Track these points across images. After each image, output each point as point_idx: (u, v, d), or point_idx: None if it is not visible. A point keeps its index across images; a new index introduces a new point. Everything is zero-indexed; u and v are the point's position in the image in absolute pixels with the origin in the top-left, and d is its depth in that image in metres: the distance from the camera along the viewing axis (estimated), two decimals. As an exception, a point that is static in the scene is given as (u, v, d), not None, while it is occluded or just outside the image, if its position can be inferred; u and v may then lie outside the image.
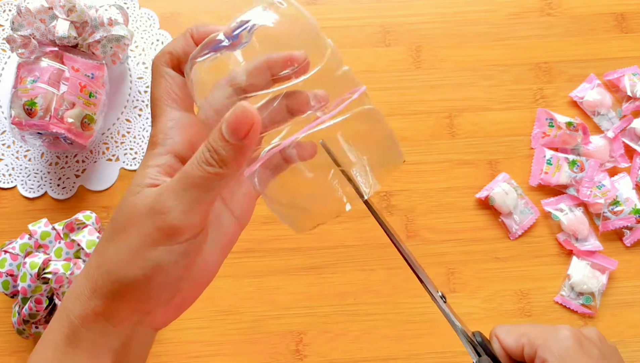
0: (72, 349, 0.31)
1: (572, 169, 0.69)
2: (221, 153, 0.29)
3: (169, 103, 0.32)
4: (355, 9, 0.75)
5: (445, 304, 0.37)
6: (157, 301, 0.31)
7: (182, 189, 0.29)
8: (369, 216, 0.39)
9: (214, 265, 0.35)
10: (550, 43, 0.75)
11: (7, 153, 0.70)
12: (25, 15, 0.63)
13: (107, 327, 0.31)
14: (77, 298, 0.31)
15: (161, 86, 0.33)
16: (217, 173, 0.29)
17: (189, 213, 0.29)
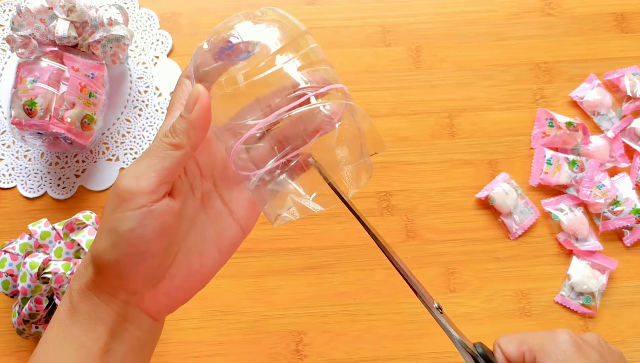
0: (72, 322, 0.34)
1: (572, 169, 0.69)
2: (175, 126, 0.33)
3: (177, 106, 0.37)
4: (355, 9, 0.75)
5: (442, 315, 0.37)
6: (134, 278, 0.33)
7: (138, 160, 0.33)
8: (369, 216, 0.39)
9: (209, 262, 0.37)
10: (550, 43, 0.75)
11: (7, 153, 0.70)
12: (25, 15, 0.63)
13: (98, 302, 0.34)
14: (77, 275, 0.35)
15: (177, 91, 0.37)
16: (170, 143, 0.33)
17: (139, 178, 0.32)
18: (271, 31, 0.35)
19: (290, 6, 0.75)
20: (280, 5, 0.75)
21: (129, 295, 0.34)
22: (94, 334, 0.33)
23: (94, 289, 0.34)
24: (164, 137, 0.33)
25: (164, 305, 0.36)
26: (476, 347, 0.37)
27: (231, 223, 0.38)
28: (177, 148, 0.33)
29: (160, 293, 0.35)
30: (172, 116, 0.36)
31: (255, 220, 0.40)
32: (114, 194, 0.32)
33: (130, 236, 0.32)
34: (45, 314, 0.59)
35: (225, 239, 0.38)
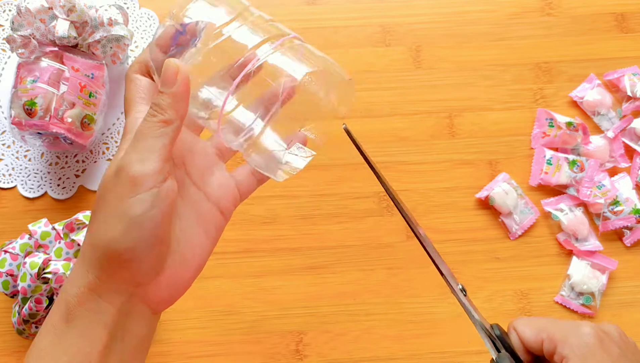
0: (68, 327, 0.33)
1: (572, 169, 0.69)
2: (160, 103, 0.34)
3: (138, 100, 0.37)
4: (355, 9, 0.75)
5: (465, 297, 0.37)
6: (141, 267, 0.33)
7: (135, 143, 0.33)
8: (369, 216, 0.39)
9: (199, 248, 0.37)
10: (550, 43, 0.75)
11: (7, 153, 0.70)
12: (25, 15, 0.63)
13: (99, 302, 0.33)
14: (73, 279, 0.34)
15: (131, 88, 0.38)
16: (160, 120, 0.33)
17: (145, 161, 0.33)
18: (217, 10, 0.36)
19: (290, 6, 0.75)
20: (280, 5, 0.75)
21: (135, 287, 0.34)
22: (93, 338, 0.33)
23: (96, 289, 0.33)
24: (150, 117, 0.33)
25: (165, 296, 0.36)
26: (493, 328, 0.37)
27: (210, 207, 0.38)
28: (168, 123, 0.33)
29: (161, 283, 0.35)
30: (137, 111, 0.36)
31: (233, 203, 0.40)
32: (121, 181, 0.32)
33: (143, 219, 0.32)
34: (45, 314, 0.59)
35: (208, 224, 0.38)
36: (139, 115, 0.36)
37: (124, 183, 0.32)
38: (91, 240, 0.33)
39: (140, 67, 0.38)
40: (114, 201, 0.33)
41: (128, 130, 0.36)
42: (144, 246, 0.33)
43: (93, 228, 0.34)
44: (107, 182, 0.33)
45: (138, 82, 0.37)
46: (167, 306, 0.37)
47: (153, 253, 0.33)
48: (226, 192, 0.40)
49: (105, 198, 0.33)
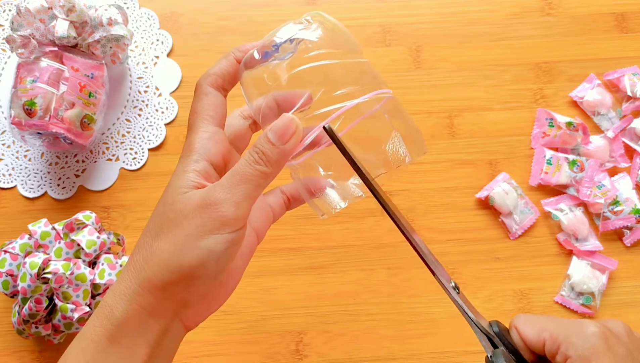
0: (112, 344, 0.33)
1: (572, 169, 0.69)
2: (268, 154, 0.33)
3: (207, 118, 0.36)
4: (355, 9, 0.75)
5: (458, 295, 0.36)
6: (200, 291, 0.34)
7: (233, 185, 0.33)
8: (369, 216, 0.39)
9: (236, 271, 0.38)
10: (550, 43, 0.75)
11: (7, 153, 0.70)
12: (24, 15, 0.63)
13: (148, 321, 0.33)
14: (123, 294, 0.33)
15: (203, 102, 0.37)
16: (264, 172, 0.33)
17: (239, 205, 0.33)
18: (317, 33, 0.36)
19: (290, 6, 0.75)
20: (280, 5, 0.75)
21: (184, 307, 0.34)
22: (135, 357, 0.33)
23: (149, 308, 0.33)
24: (254, 163, 0.33)
25: (201, 315, 0.37)
26: (492, 325, 0.36)
27: (249, 231, 0.39)
28: (268, 177, 0.34)
29: (203, 304, 0.35)
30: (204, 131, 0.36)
31: (267, 226, 0.41)
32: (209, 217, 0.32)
33: (221, 255, 0.33)
34: (45, 314, 0.59)
35: (245, 246, 0.38)
36: (207, 135, 0.36)
37: (212, 220, 0.32)
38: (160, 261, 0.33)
39: (217, 79, 0.37)
40: (194, 231, 0.32)
41: (194, 149, 0.35)
42: (212, 275, 0.33)
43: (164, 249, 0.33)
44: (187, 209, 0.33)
45: (211, 98, 0.37)
46: (197, 324, 0.37)
47: (216, 280, 0.34)
48: (262, 214, 0.40)
49: (180, 224, 0.33)
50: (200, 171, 0.35)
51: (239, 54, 0.38)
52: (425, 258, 0.36)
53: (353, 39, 0.38)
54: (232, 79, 0.38)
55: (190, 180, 0.34)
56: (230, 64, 0.38)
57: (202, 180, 0.34)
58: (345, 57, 0.36)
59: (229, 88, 0.38)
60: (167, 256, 0.33)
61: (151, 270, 0.33)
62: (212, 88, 0.37)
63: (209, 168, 0.35)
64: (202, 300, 0.35)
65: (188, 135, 0.36)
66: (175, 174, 0.35)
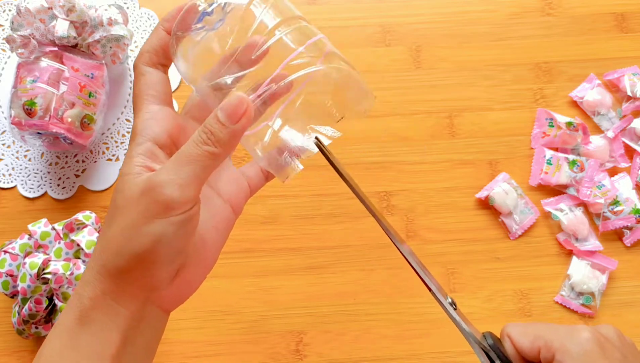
0: (82, 330, 0.33)
1: (572, 169, 0.69)
2: (217, 135, 0.32)
3: (148, 98, 0.35)
4: (355, 9, 0.75)
5: (455, 311, 0.36)
6: (161, 275, 0.33)
7: (178, 166, 0.32)
8: (369, 216, 0.39)
9: (212, 246, 0.37)
10: (550, 43, 0.75)
11: (7, 153, 0.70)
12: (24, 15, 0.63)
13: (114, 306, 0.33)
14: (87, 282, 0.33)
15: (140, 83, 0.36)
16: (213, 152, 0.32)
17: (184, 187, 0.32)
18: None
19: (290, 6, 0.75)
20: (280, 5, 0.75)
21: (150, 292, 0.34)
22: (107, 342, 0.33)
23: (112, 294, 0.33)
24: (203, 144, 0.32)
25: (177, 296, 0.36)
26: (485, 337, 0.36)
27: (221, 204, 0.38)
28: (217, 157, 0.32)
29: (175, 285, 0.35)
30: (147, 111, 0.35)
31: (244, 199, 0.40)
32: (153, 201, 0.31)
33: (170, 238, 0.32)
34: (45, 314, 0.59)
35: (220, 220, 0.38)
36: (148, 115, 0.35)
37: (156, 203, 0.32)
38: (110, 247, 0.33)
39: (151, 56, 0.36)
40: (140, 216, 0.32)
41: (138, 132, 0.35)
42: (166, 259, 0.33)
43: (112, 236, 0.33)
44: (132, 193, 0.32)
45: (149, 77, 0.36)
46: (177, 305, 0.37)
47: (173, 264, 0.34)
48: (237, 188, 0.39)
49: (128, 209, 0.32)
50: (144, 153, 0.34)
51: (167, 25, 0.36)
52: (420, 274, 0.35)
53: None
54: (167, 53, 0.37)
55: (136, 165, 0.33)
56: (160, 38, 0.36)
57: (148, 162, 0.34)
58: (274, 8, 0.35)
59: (167, 63, 0.37)
60: (117, 243, 0.32)
61: (106, 257, 0.33)
62: (148, 67, 0.36)
63: (154, 148, 0.34)
64: (171, 282, 0.34)
65: (134, 119, 0.36)
66: (123, 161, 0.34)
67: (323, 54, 0.34)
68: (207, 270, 0.37)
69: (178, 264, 0.34)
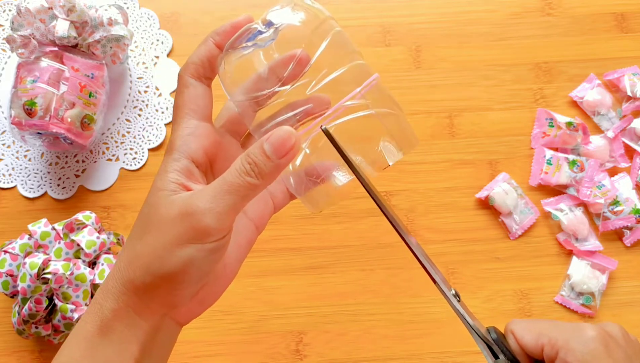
0: (102, 340, 0.33)
1: (572, 169, 0.69)
2: (261, 167, 0.32)
3: (189, 112, 0.35)
4: (355, 9, 0.75)
5: (459, 303, 0.36)
6: (184, 294, 0.33)
7: (218, 195, 0.31)
8: (369, 216, 0.39)
9: (234, 264, 0.38)
10: (550, 43, 0.75)
11: (7, 153, 0.70)
12: (25, 15, 0.63)
13: (136, 319, 0.33)
14: (110, 292, 0.33)
15: (184, 95, 0.35)
16: (254, 184, 0.32)
17: (223, 216, 0.31)
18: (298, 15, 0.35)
19: (290, 6, 0.75)
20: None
21: (170, 308, 0.34)
22: (126, 353, 0.33)
23: (135, 307, 0.33)
24: (246, 175, 0.32)
25: (194, 312, 0.37)
26: (489, 332, 0.36)
27: (246, 222, 0.38)
28: (258, 188, 0.32)
29: (195, 303, 0.35)
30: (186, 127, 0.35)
31: (267, 217, 0.40)
32: (191, 227, 0.31)
33: (202, 263, 0.32)
34: (45, 314, 0.59)
35: (243, 238, 0.38)
36: (188, 131, 0.35)
37: (193, 229, 0.31)
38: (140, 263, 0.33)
39: (197, 68, 0.36)
40: (174, 238, 0.32)
41: (176, 147, 0.34)
42: (194, 281, 0.33)
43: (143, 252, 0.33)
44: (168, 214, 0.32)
45: (192, 90, 0.35)
46: (193, 319, 0.37)
47: (198, 285, 0.34)
48: (261, 205, 0.39)
49: (162, 230, 0.32)
50: (181, 170, 0.34)
51: (218, 38, 0.36)
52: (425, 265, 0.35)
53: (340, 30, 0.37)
54: (213, 67, 0.36)
55: (171, 181, 0.33)
56: (209, 50, 0.36)
57: (183, 179, 0.34)
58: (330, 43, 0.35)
59: (212, 76, 0.37)
60: (148, 260, 0.32)
61: (133, 272, 0.33)
62: (193, 79, 0.36)
63: (191, 166, 0.34)
64: (190, 300, 0.35)
65: (172, 132, 0.35)
66: (158, 175, 0.34)
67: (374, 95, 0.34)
68: (225, 287, 0.38)
69: (201, 285, 0.34)
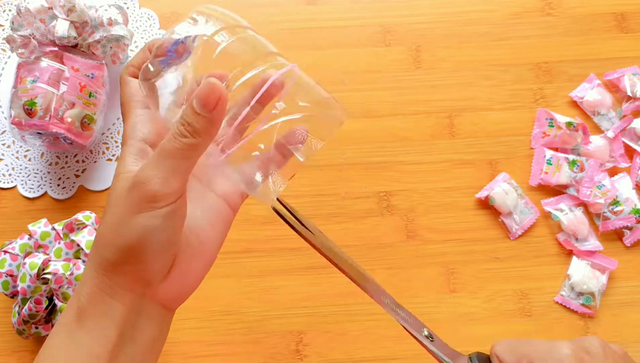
0: (79, 326, 0.33)
1: (572, 169, 0.69)
2: (194, 125, 0.32)
3: (134, 104, 0.37)
4: (355, 9, 0.75)
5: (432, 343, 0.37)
6: (152, 268, 0.34)
7: (159, 161, 0.33)
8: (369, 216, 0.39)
9: (209, 242, 0.38)
10: (550, 43, 0.75)
11: (7, 153, 0.70)
12: (25, 15, 0.63)
13: (110, 301, 0.33)
14: (84, 280, 0.34)
15: (125, 92, 0.38)
16: (191, 143, 0.32)
17: (167, 180, 0.32)
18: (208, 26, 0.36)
19: (290, 6, 0.75)
20: (280, 5, 0.75)
21: (145, 286, 0.34)
22: (103, 337, 0.33)
23: (107, 288, 0.34)
24: (180, 136, 0.32)
25: (176, 293, 0.36)
26: (471, 360, 0.37)
27: (216, 200, 0.39)
28: (198, 147, 0.33)
29: (171, 280, 0.35)
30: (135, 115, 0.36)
31: (240, 196, 0.41)
32: (139, 196, 0.32)
33: (156, 230, 0.33)
34: (45, 314, 0.59)
35: (215, 216, 0.38)
36: (137, 118, 0.36)
37: (141, 198, 0.32)
38: (102, 242, 0.34)
39: (134, 70, 0.38)
40: (127, 210, 0.33)
41: (128, 135, 0.36)
42: (156, 251, 0.33)
43: (104, 232, 0.34)
44: (121, 193, 0.33)
45: (133, 86, 0.38)
46: (179, 303, 0.37)
47: (164, 256, 0.34)
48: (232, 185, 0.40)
49: (118, 206, 0.33)
50: (136, 152, 0.35)
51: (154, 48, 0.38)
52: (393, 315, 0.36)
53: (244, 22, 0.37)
54: None
55: (127, 164, 0.35)
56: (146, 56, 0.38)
57: (140, 161, 0.35)
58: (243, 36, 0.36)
59: None
60: (108, 237, 0.33)
61: (98, 252, 0.34)
62: (132, 78, 0.38)
63: (145, 147, 0.36)
64: (165, 277, 0.35)
65: (123, 125, 0.37)
66: (117, 163, 0.36)
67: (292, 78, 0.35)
68: (205, 266, 0.37)
69: (169, 256, 0.34)
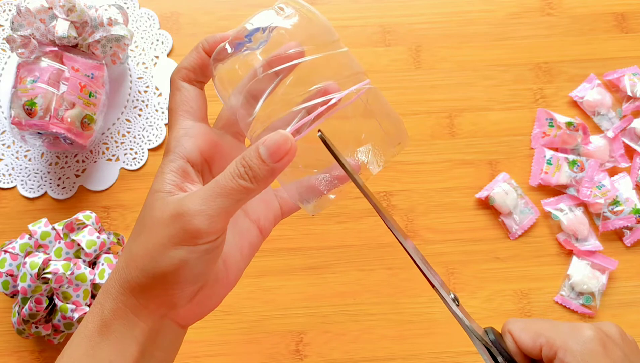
0: (102, 339, 0.33)
1: (572, 169, 0.69)
2: (255, 170, 0.31)
3: (182, 114, 0.35)
4: (355, 9, 0.75)
5: (458, 307, 0.36)
6: (181, 295, 0.34)
7: (210, 197, 0.32)
8: (369, 216, 0.39)
9: (234, 268, 0.37)
10: (550, 43, 0.75)
11: (7, 153, 0.70)
12: (25, 15, 0.63)
13: (134, 319, 0.33)
14: (110, 293, 0.34)
15: (176, 98, 0.36)
16: (248, 187, 0.31)
17: (214, 218, 0.31)
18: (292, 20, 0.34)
19: (290, 6, 0.75)
20: (280, 5, 0.75)
21: (169, 309, 0.34)
22: (125, 353, 0.33)
23: (133, 307, 0.33)
24: (239, 178, 0.31)
25: (195, 314, 0.36)
26: (487, 333, 0.36)
27: (249, 225, 0.38)
28: (252, 192, 0.32)
29: (194, 303, 0.35)
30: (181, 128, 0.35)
31: (272, 221, 0.40)
32: (182, 228, 0.32)
33: (195, 264, 0.32)
34: (45, 314, 0.59)
35: (245, 241, 0.38)
36: (182, 132, 0.35)
37: (184, 230, 0.32)
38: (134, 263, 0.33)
39: (188, 73, 0.36)
40: (167, 240, 0.32)
41: (171, 148, 0.35)
42: (188, 281, 0.33)
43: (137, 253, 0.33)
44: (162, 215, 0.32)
45: (185, 92, 0.36)
46: (195, 322, 0.37)
47: (194, 286, 0.34)
48: (267, 210, 0.39)
49: (155, 230, 0.33)
50: (176, 170, 0.34)
51: (207, 46, 0.36)
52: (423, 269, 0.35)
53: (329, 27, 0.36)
54: (204, 71, 0.36)
55: (167, 182, 0.33)
56: (199, 56, 0.36)
57: (179, 180, 0.34)
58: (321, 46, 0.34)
59: (204, 80, 0.37)
60: (142, 261, 0.33)
61: (130, 273, 0.33)
62: (185, 82, 0.36)
63: (186, 166, 0.34)
64: (190, 301, 0.34)
65: (168, 134, 0.36)
66: (155, 177, 0.34)
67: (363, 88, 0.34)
68: (227, 290, 0.37)
69: (198, 286, 0.34)
